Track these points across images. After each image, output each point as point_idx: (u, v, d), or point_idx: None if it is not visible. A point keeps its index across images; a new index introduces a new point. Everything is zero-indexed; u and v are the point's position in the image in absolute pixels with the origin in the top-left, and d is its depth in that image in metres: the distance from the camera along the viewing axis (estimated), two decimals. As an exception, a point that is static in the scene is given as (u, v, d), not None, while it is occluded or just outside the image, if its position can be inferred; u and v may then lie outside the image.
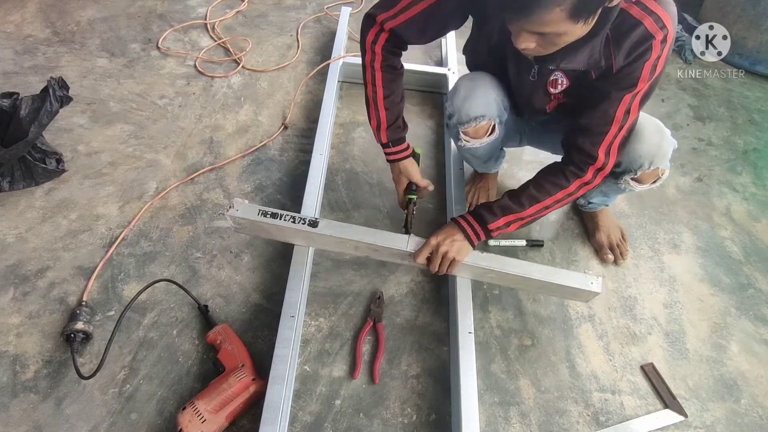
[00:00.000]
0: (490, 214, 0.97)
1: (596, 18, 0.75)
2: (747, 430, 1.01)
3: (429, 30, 0.96)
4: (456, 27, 0.97)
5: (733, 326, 1.18)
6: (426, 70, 1.68)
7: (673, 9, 0.82)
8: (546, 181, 0.96)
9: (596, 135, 0.92)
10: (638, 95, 0.88)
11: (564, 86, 0.98)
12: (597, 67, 0.87)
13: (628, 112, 0.89)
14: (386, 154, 1.10)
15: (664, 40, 0.82)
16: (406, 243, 1.02)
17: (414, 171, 1.10)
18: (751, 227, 1.41)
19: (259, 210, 1.03)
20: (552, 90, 0.99)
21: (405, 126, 1.08)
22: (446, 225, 1.02)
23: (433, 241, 0.99)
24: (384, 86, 1.01)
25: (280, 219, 1.03)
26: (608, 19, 0.79)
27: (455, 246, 0.98)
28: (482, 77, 1.04)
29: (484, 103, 1.02)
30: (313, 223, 1.02)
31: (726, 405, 1.05)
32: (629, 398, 1.04)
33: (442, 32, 0.99)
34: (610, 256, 1.27)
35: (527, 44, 0.77)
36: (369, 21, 0.97)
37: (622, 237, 1.31)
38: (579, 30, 0.74)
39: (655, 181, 1.05)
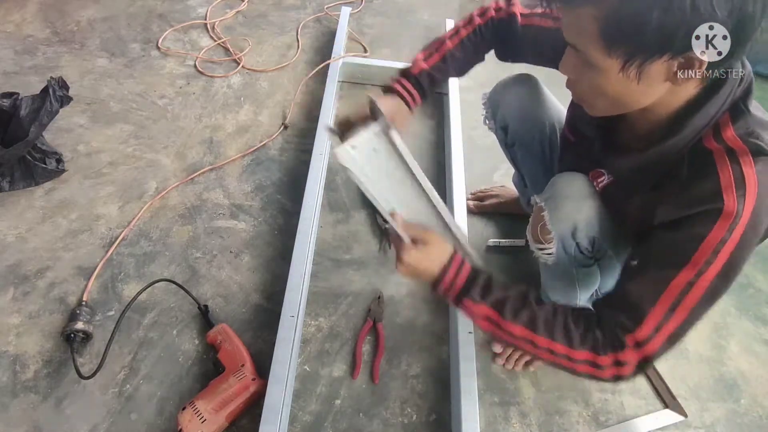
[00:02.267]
0: (479, 292, 0.71)
1: (643, 82, 0.57)
2: (747, 430, 1.01)
3: (540, 48, 0.86)
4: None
5: (733, 326, 1.18)
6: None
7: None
8: (562, 320, 0.68)
9: (627, 317, 0.64)
10: (692, 287, 0.60)
11: (605, 182, 0.80)
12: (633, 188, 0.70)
13: (673, 309, 0.61)
14: (398, 83, 0.88)
15: (735, 220, 0.58)
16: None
17: (403, 117, 0.86)
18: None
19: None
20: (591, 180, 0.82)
21: (438, 86, 0.91)
22: (441, 240, 0.75)
23: (411, 232, 0.73)
24: (462, 42, 0.89)
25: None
26: (694, 123, 0.61)
27: (420, 264, 0.72)
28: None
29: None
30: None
31: (726, 405, 1.04)
32: (629, 398, 1.04)
33: (543, 60, 0.89)
34: (500, 362, 1.06)
35: (566, 67, 0.64)
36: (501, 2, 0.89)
37: None
38: (615, 78, 0.58)
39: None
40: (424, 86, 0.89)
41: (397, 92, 0.87)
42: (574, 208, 0.79)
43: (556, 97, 1.03)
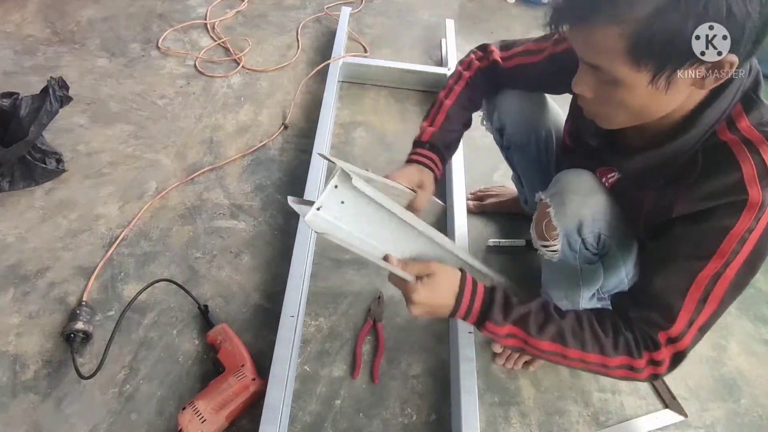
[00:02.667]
0: (500, 313, 0.71)
1: (670, 90, 0.57)
2: (747, 429, 1.01)
3: (529, 80, 0.92)
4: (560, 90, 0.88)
5: (733, 326, 1.18)
6: (426, 70, 1.68)
7: None
8: (589, 328, 0.69)
9: (658, 314, 0.66)
10: (720, 278, 0.62)
11: (615, 179, 0.80)
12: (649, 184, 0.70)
13: (703, 300, 0.63)
14: (414, 154, 0.92)
15: (760, 210, 0.58)
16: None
17: (429, 182, 0.88)
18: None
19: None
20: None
21: (453, 146, 0.95)
22: (445, 267, 0.75)
23: (412, 271, 0.74)
24: (459, 96, 0.94)
25: None
26: (707, 119, 0.61)
27: (433, 300, 0.72)
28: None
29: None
30: None
31: (726, 405, 1.05)
32: (629, 398, 1.04)
33: (547, 89, 0.95)
34: (500, 362, 1.05)
35: (582, 86, 0.63)
36: (479, 48, 0.96)
37: None
38: (642, 91, 0.57)
39: None
40: (440, 148, 0.91)
41: (417, 161, 0.89)
42: (580, 204, 0.79)
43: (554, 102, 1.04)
